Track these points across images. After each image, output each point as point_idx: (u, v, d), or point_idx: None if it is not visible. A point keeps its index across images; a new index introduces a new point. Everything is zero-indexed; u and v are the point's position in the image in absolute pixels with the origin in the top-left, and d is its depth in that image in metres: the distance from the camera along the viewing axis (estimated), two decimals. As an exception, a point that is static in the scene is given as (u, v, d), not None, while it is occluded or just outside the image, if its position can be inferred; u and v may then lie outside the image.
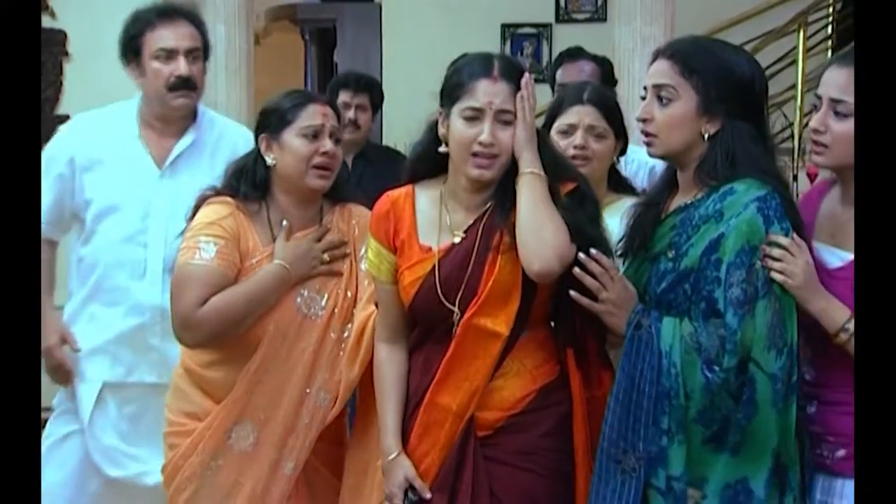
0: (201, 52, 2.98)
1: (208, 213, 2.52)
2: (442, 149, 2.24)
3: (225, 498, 2.50)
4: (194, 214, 2.55)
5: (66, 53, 5.81)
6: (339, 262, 2.56)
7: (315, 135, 2.51)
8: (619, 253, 2.26)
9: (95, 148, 2.97)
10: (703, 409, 2.05)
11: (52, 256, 3.06)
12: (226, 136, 3.05)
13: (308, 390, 2.49)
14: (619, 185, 2.79)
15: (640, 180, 3.12)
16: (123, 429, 2.99)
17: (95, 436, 2.98)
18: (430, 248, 2.24)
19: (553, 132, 2.71)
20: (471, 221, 2.24)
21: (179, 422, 2.56)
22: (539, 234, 2.12)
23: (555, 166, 2.22)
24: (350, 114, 4.06)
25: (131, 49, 2.96)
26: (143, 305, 2.95)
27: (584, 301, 2.14)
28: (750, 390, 2.02)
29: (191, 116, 3.04)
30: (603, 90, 2.86)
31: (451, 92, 2.21)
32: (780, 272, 2.04)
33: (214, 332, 2.46)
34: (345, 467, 2.53)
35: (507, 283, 2.19)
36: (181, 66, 2.92)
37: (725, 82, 2.12)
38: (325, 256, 2.53)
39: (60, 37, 5.76)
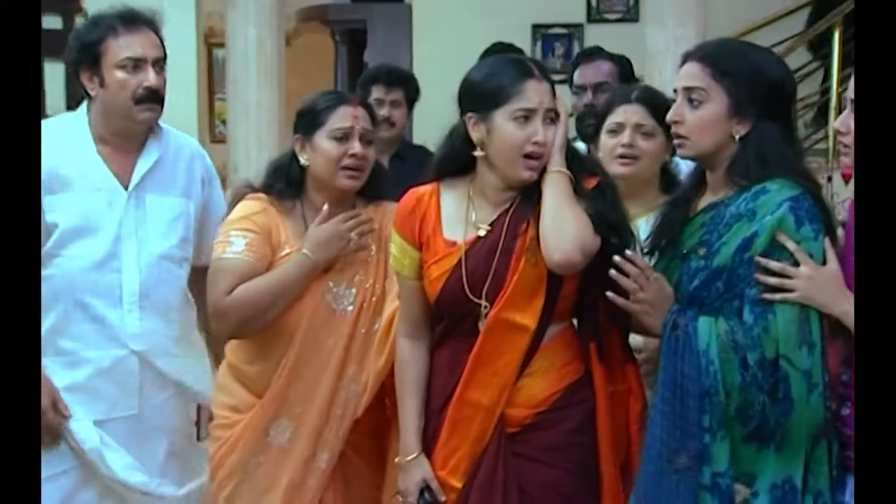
0: (164, 62, 2.74)
1: (241, 208, 2.61)
2: (477, 153, 2.25)
3: (265, 492, 2.57)
4: (230, 210, 2.64)
5: (99, 55, 5.84)
6: (366, 237, 2.58)
7: (345, 137, 2.56)
8: (646, 251, 2.27)
9: (55, 168, 2.65)
10: (740, 407, 2.07)
11: None
12: (183, 148, 2.83)
13: (340, 383, 2.56)
14: (672, 186, 2.76)
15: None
16: (126, 458, 2.72)
17: (108, 467, 2.72)
18: (454, 243, 2.27)
19: (603, 132, 2.73)
20: (496, 216, 2.27)
21: (223, 415, 2.65)
22: (561, 226, 2.15)
23: (577, 163, 2.26)
24: (384, 111, 3.73)
25: (89, 57, 2.67)
26: (121, 336, 2.69)
27: (621, 301, 2.15)
28: (785, 387, 2.04)
29: (147, 130, 2.78)
30: (654, 91, 2.84)
31: (491, 97, 2.23)
32: (779, 288, 2.05)
33: (242, 321, 2.53)
34: (388, 459, 2.56)
35: (533, 275, 2.21)
36: (151, 77, 2.66)
37: (756, 84, 2.13)
38: (353, 235, 2.56)
39: (94, 38, 5.81)
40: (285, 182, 2.61)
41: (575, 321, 2.31)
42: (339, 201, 2.61)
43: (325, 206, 2.57)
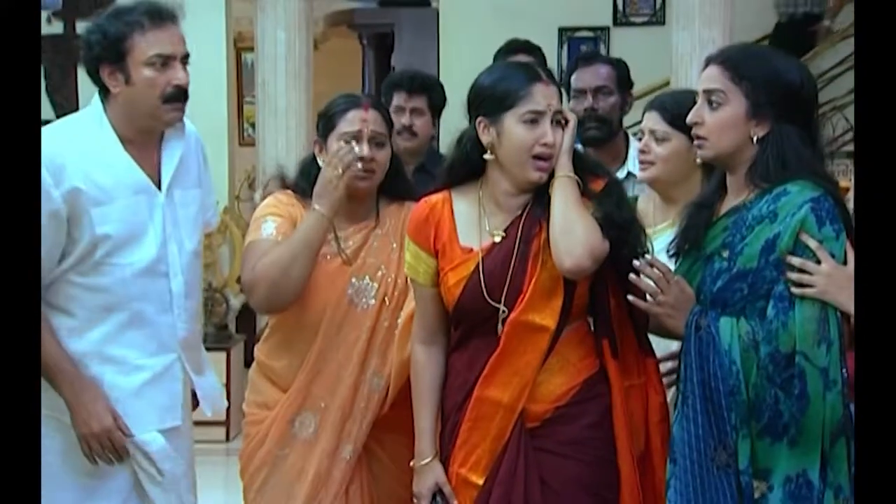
0: (188, 58, 2.59)
1: (270, 200, 2.74)
2: (487, 156, 2.31)
3: (292, 484, 2.64)
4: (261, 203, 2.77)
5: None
6: (349, 163, 2.58)
7: (353, 140, 2.63)
8: (670, 253, 2.31)
9: (92, 175, 2.53)
10: (753, 401, 2.10)
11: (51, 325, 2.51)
12: (190, 137, 2.70)
13: (362, 377, 2.62)
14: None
15: None
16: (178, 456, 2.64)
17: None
18: (471, 249, 2.32)
19: None
20: (509, 221, 2.32)
21: (252, 412, 2.74)
22: (571, 232, 2.20)
23: (583, 166, 2.31)
24: (404, 119, 3.41)
25: (113, 52, 2.52)
26: (170, 343, 2.60)
27: (643, 304, 2.19)
28: (801, 384, 2.07)
29: None
30: (674, 96, 2.83)
31: (500, 100, 2.28)
32: (798, 283, 2.08)
33: (269, 289, 2.57)
34: None
35: (550, 278, 2.26)
36: (180, 75, 2.53)
37: (774, 87, 2.17)
38: (339, 171, 2.58)
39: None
40: (307, 182, 2.69)
41: (591, 319, 2.34)
42: (356, 199, 2.67)
43: (321, 162, 2.64)
